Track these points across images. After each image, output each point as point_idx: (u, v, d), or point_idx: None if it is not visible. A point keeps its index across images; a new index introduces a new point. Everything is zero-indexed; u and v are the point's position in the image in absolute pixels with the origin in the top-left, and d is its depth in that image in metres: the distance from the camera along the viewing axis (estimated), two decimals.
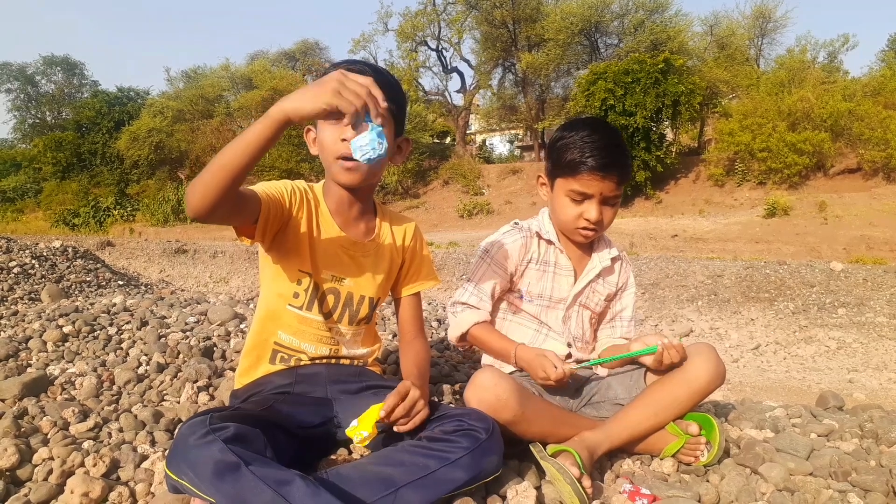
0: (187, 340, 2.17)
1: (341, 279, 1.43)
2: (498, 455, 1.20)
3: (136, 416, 1.60)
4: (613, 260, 1.63)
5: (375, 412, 1.20)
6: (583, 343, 1.63)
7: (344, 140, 1.26)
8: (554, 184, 1.54)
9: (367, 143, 1.07)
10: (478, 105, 28.21)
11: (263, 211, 1.24)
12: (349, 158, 1.27)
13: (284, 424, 1.21)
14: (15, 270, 4.36)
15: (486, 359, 1.67)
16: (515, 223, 1.63)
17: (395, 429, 1.21)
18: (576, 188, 1.46)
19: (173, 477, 1.04)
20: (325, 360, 1.45)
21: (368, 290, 1.47)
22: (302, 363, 1.43)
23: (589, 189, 1.46)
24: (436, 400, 1.46)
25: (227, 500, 0.97)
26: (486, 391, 1.30)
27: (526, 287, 1.59)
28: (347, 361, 1.48)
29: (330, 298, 1.42)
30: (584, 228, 1.50)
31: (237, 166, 1.04)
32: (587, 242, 1.59)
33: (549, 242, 1.58)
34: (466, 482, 1.14)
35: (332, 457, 1.36)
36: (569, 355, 1.59)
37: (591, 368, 1.59)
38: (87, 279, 4.75)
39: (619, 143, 1.48)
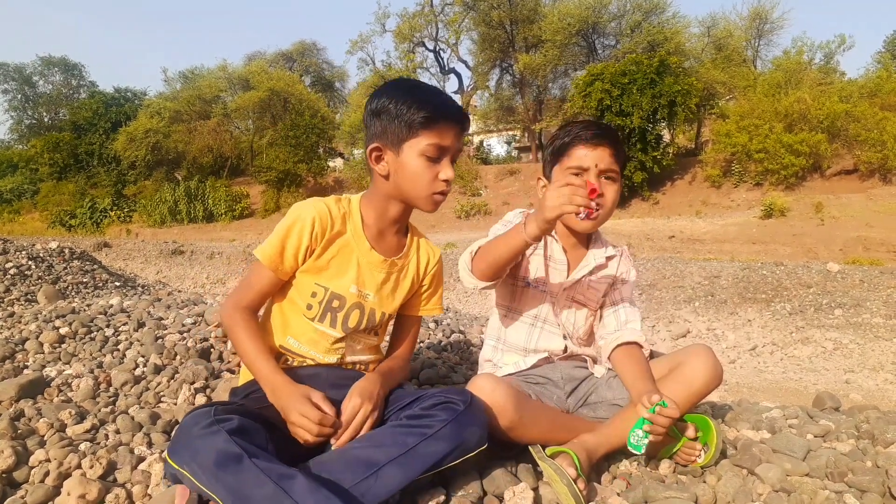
0: (184, 342, 2.16)
1: (367, 295, 1.43)
2: (479, 427, 1.19)
3: (132, 418, 1.59)
4: (609, 258, 1.61)
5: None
6: (577, 339, 1.62)
7: (445, 180, 1.35)
8: (552, 176, 1.55)
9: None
10: (475, 106, 28.24)
11: (278, 284, 1.40)
12: (443, 193, 1.38)
13: (281, 424, 1.21)
14: (11, 272, 4.34)
15: (484, 355, 1.67)
16: (522, 211, 1.56)
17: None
18: (572, 165, 1.48)
19: (174, 466, 1.04)
20: (327, 364, 1.45)
21: (388, 306, 1.48)
22: (304, 364, 1.42)
23: (584, 162, 1.46)
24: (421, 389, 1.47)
25: (227, 490, 0.97)
26: (483, 397, 1.30)
27: (532, 274, 1.58)
28: (350, 366, 1.48)
29: (355, 314, 1.43)
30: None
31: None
32: (590, 230, 1.57)
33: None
34: (448, 454, 1.14)
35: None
36: (565, 349, 1.59)
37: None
38: (84, 280, 4.74)
39: (608, 126, 1.55)
